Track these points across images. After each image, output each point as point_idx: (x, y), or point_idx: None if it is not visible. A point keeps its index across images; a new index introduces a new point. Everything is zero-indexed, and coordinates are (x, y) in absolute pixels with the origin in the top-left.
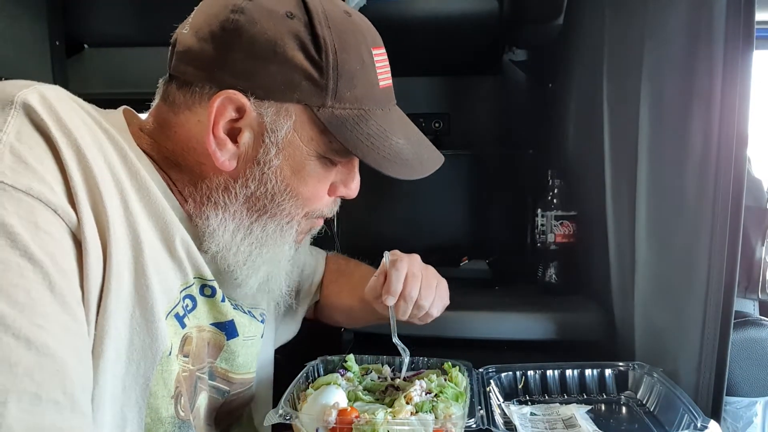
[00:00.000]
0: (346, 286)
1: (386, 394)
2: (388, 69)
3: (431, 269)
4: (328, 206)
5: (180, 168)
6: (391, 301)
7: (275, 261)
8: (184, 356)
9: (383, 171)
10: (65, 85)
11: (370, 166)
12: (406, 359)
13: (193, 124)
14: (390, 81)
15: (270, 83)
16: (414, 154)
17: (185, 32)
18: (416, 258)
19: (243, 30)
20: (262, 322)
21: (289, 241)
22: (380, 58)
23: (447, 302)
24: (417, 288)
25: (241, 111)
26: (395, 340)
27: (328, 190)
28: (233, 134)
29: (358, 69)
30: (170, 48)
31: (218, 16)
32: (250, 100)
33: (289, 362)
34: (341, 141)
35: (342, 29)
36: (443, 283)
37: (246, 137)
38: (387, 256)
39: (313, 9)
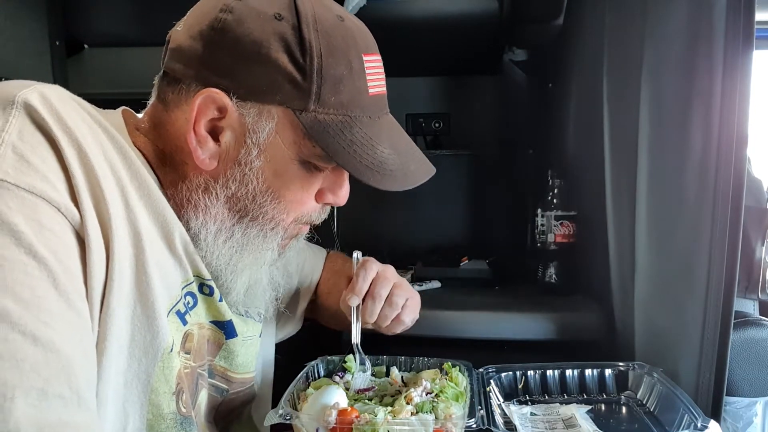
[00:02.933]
0: (335, 288)
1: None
2: (382, 77)
3: (405, 281)
4: (316, 212)
5: (167, 168)
6: (354, 302)
7: (257, 266)
8: (186, 353)
9: (363, 180)
10: (65, 85)
11: (351, 173)
12: (363, 373)
13: (182, 123)
14: (383, 89)
15: (253, 84)
16: (399, 165)
17: (179, 30)
18: (390, 266)
19: (229, 29)
20: (260, 321)
21: (273, 246)
22: (372, 65)
23: (417, 316)
24: (387, 288)
25: (222, 110)
26: (356, 347)
27: (316, 196)
28: (215, 133)
29: (344, 74)
30: (165, 45)
31: (208, 14)
32: (232, 99)
33: (289, 362)
34: (321, 146)
35: (331, 33)
36: (417, 296)
37: (227, 137)
38: (357, 256)
39: (302, 11)
